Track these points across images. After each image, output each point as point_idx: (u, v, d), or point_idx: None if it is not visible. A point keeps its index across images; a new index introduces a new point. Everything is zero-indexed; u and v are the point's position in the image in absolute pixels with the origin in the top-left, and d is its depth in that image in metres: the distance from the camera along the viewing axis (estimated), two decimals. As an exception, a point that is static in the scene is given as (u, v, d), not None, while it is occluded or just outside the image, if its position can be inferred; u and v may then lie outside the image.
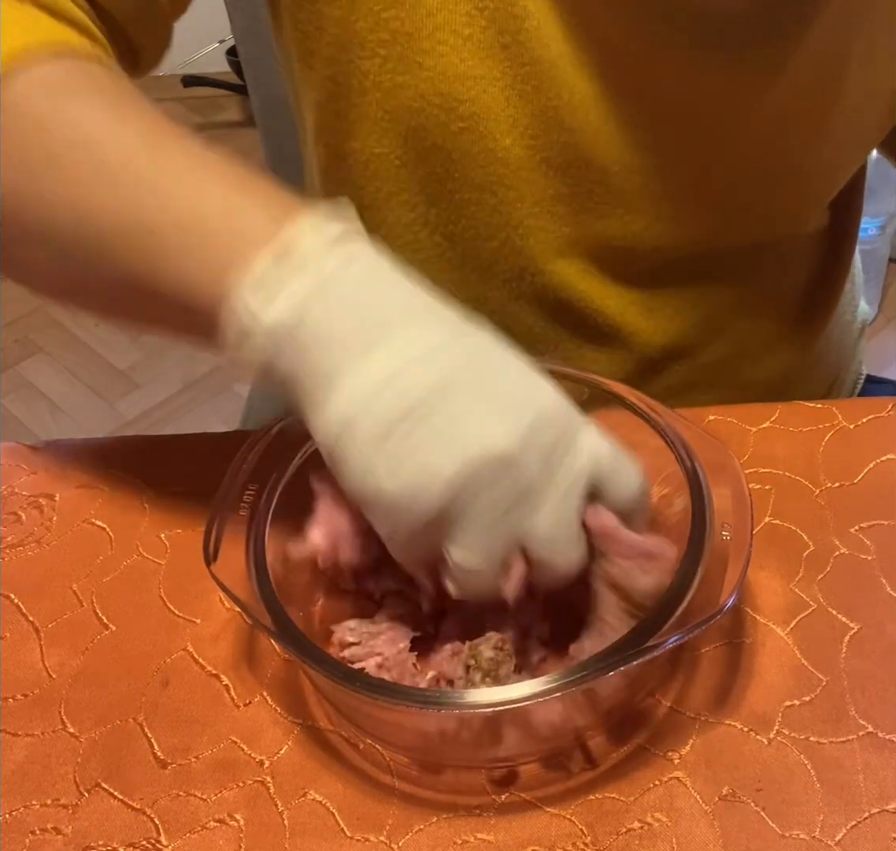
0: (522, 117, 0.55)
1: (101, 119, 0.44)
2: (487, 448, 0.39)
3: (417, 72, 0.54)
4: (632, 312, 0.64)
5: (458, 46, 0.53)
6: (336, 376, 0.39)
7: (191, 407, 1.81)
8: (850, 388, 0.81)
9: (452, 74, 0.54)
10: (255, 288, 0.40)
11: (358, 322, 0.40)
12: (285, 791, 0.45)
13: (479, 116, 0.55)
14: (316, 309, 0.40)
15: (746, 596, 0.49)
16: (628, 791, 0.43)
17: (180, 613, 0.52)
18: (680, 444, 0.46)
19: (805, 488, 0.54)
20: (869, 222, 1.71)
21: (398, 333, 0.40)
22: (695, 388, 0.68)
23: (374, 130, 0.57)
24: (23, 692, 0.49)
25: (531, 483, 0.39)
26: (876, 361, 1.77)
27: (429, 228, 0.61)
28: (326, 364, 0.40)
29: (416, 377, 0.39)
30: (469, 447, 0.39)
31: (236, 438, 0.48)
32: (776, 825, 0.42)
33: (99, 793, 0.45)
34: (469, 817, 0.43)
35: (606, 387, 0.49)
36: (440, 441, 0.39)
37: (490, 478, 0.39)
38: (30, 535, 0.56)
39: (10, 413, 1.81)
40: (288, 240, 0.40)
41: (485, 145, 0.56)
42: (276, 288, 0.40)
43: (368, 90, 0.55)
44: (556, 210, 0.59)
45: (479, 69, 0.53)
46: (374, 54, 0.54)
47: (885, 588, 0.49)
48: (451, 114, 0.55)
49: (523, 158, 0.57)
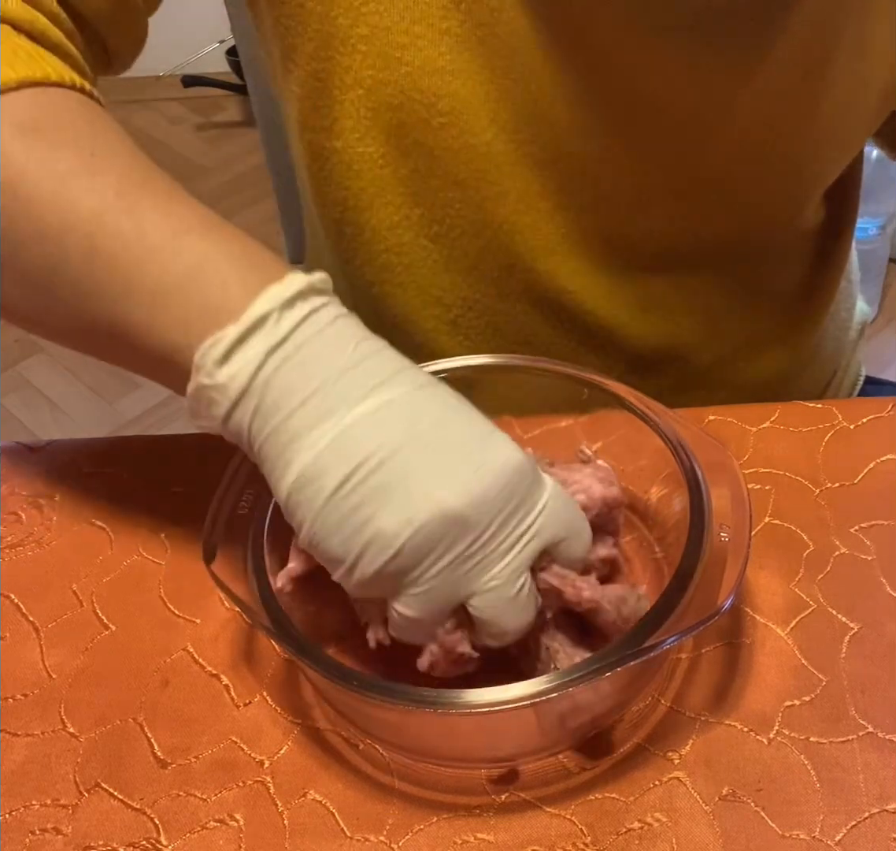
0: (503, 112, 0.55)
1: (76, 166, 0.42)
2: (439, 509, 0.38)
3: (397, 67, 0.54)
4: (624, 313, 0.63)
5: (436, 40, 0.53)
6: (295, 444, 0.39)
7: (191, 407, 1.81)
8: (848, 389, 0.81)
9: (431, 69, 0.54)
10: (220, 356, 0.39)
11: (313, 386, 0.39)
12: (285, 791, 0.45)
13: (459, 110, 0.55)
14: (271, 368, 0.39)
15: (746, 596, 0.49)
16: (628, 791, 0.43)
17: (180, 613, 0.52)
18: (679, 444, 0.46)
19: (805, 488, 0.54)
20: (869, 222, 1.71)
21: (353, 396, 0.39)
22: (689, 389, 0.68)
23: (357, 128, 0.57)
24: (23, 692, 0.49)
25: (482, 544, 0.39)
26: (876, 361, 1.77)
27: (413, 230, 0.61)
28: (285, 431, 0.39)
29: (368, 431, 0.39)
30: (419, 507, 0.38)
31: (236, 438, 0.48)
32: (776, 825, 0.42)
33: (99, 793, 0.45)
34: (469, 817, 0.43)
35: (606, 387, 0.49)
36: (388, 498, 0.38)
37: (439, 538, 0.38)
38: (30, 535, 0.56)
39: (10, 413, 1.81)
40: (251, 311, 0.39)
41: (466, 141, 0.56)
42: (240, 355, 0.39)
43: (350, 87, 0.55)
44: (541, 206, 0.59)
45: (458, 63, 0.53)
46: (354, 50, 0.54)
47: (885, 588, 0.49)
48: (432, 109, 0.55)
49: (505, 153, 0.56)
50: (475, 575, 0.39)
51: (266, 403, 0.39)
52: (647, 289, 0.63)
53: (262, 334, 0.39)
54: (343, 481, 0.38)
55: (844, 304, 0.76)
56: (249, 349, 0.39)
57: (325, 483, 0.38)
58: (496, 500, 0.39)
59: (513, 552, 0.39)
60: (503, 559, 0.39)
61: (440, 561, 0.38)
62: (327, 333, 0.40)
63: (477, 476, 0.39)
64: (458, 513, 0.38)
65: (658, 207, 0.59)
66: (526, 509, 0.40)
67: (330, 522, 0.39)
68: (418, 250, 0.62)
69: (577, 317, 0.63)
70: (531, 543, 0.40)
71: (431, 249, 0.62)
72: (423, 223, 0.60)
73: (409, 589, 0.39)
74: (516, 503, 0.39)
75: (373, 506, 0.38)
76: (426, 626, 0.41)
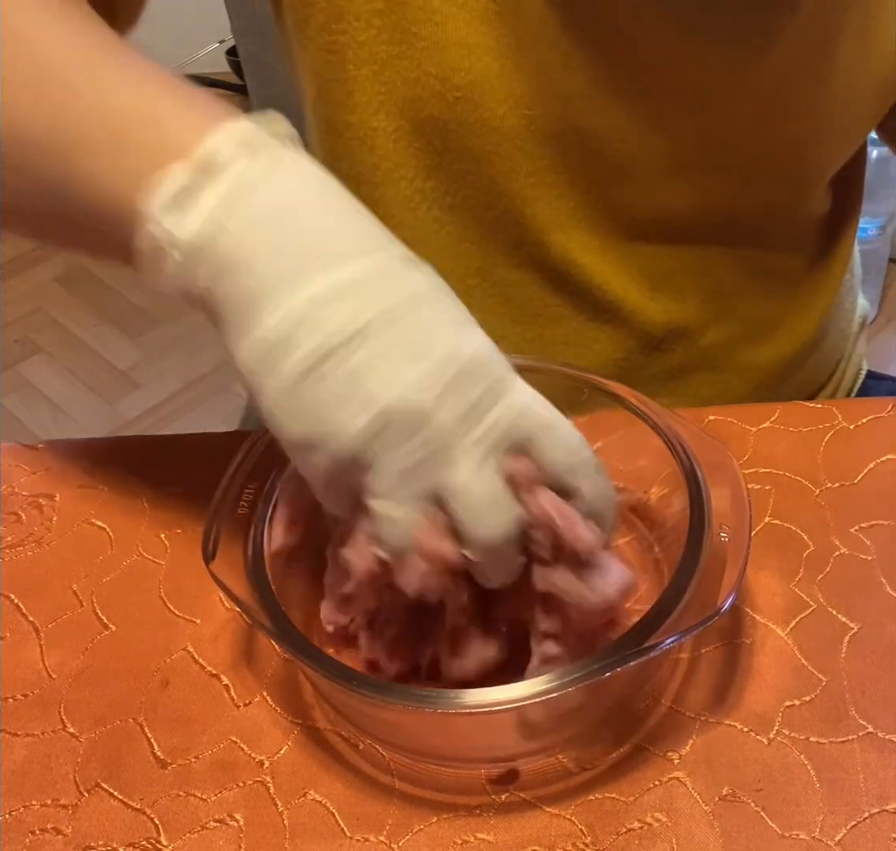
0: (516, 87, 0.55)
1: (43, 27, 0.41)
2: (400, 400, 0.37)
3: (413, 42, 0.54)
4: (634, 290, 0.64)
5: (454, 15, 0.53)
6: (257, 304, 0.37)
7: (191, 407, 1.81)
8: (850, 382, 0.81)
9: (448, 43, 0.54)
10: (168, 199, 0.36)
11: (282, 241, 0.37)
12: (285, 791, 0.45)
13: (474, 85, 0.55)
14: (232, 222, 0.36)
15: (746, 596, 0.49)
16: (628, 791, 0.43)
17: (180, 613, 0.52)
18: (679, 444, 0.46)
19: (805, 488, 0.54)
20: (869, 222, 1.71)
21: (328, 259, 0.37)
22: (694, 370, 0.68)
23: (371, 102, 0.57)
24: (23, 692, 0.49)
25: (448, 437, 0.37)
26: (876, 360, 1.77)
27: (427, 203, 0.61)
28: (247, 289, 0.37)
29: (342, 315, 0.37)
30: (380, 398, 0.37)
31: (236, 438, 0.48)
32: (776, 825, 0.42)
33: (99, 793, 0.45)
34: (469, 817, 0.43)
35: (606, 387, 0.49)
36: (352, 387, 0.37)
37: (402, 429, 0.37)
38: (30, 535, 0.56)
39: (10, 413, 1.81)
40: (208, 148, 0.37)
41: (480, 115, 0.56)
42: (190, 199, 0.36)
43: (364, 62, 0.55)
44: (552, 180, 0.59)
45: (475, 37, 0.53)
46: (368, 25, 0.54)
47: (885, 588, 0.49)
48: (447, 83, 0.55)
49: (518, 128, 0.56)
50: (443, 464, 0.38)
51: (223, 256, 0.37)
52: (657, 266, 0.64)
53: (219, 179, 0.37)
54: (310, 355, 0.37)
55: (847, 295, 0.76)
56: (206, 195, 0.36)
57: (291, 356, 0.37)
58: (461, 393, 0.37)
59: (479, 442, 0.38)
60: (470, 449, 0.38)
61: (408, 451, 0.37)
62: (295, 181, 0.38)
63: (442, 366, 0.37)
64: (421, 406, 0.37)
65: (668, 185, 0.60)
66: (491, 400, 0.38)
67: (287, 406, 0.37)
68: (431, 223, 0.62)
69: (587, 291, 0.63)
70: (497, 433, 0.38)
71: (445, 221, 0.62)
72: (436, 195, 0.61)
73: (376, 483, 0.38)
74: (479, 393, 0.38)
75: (338, 396, 0.37)
76: (405, 528, 0.38)
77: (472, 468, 0.38)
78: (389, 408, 0.37)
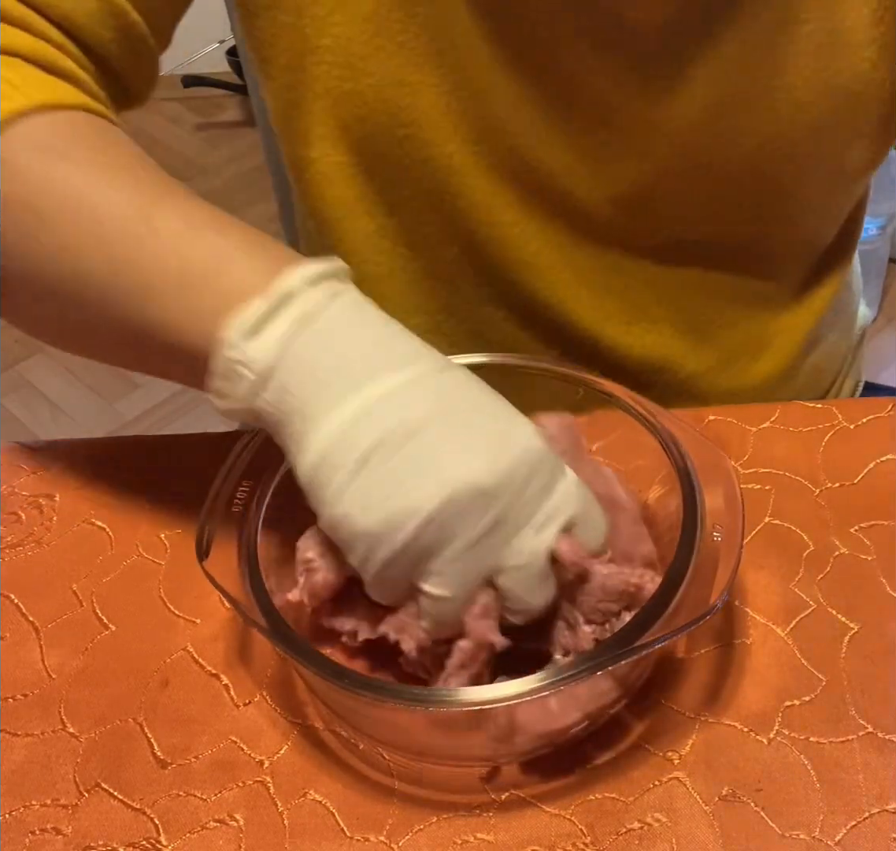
0: (462, 123, 0.55)
1: (93, 180, 0.44)
2: (470, 482, 0.38)
3: (361, 78, 0.54)
4: (608, 325, 0.63)
5: (395, 52, 0.53)
6: (317, 417, 0.39)
7: (191, 407, 1.81)
8: (847, 394, 0.81)
9: (392, 81, 0.54)
10: (248, 327, 0.40)
11: (340, 361, 0.40)
12: (285, 791, 0.45)
13: (419, 122, 0.55)
14: (299, 343, 0.40)
15: (746, 596, 0.49)
16: (628, 791, 0.43)
17: (180, 613, 0.52)
18: (673, 444, 0.46)
19: (805, 488, 0.54)
20: (869, 222, 1.71)
21: (380, 372, 0.40)
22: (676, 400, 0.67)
23: (329, 137, 0.57)
24: (23, 692, 0.49)
25: (508, 518, 0.39)
26: (875, 361, 1.77)
27: (390, 238, 0.61)
28: (308, 405, 0.40)
29: (393, 406, 0.39)
30: (450, 480, 0.38)
31: (236, 438, 0.48)
32: (776, 825, 0.42)
33: (99, 793, 0.45)
34: (469, 817, 0.43)
35: (602, 387, 0.49)
36: (418, 472, 0.39)
37: (469, 511, 0.38)
38: (30, 535, 0.56)
39: (10, 413, 1.81)
40: (283, 286, 0.40)
41: (429, 153, 0.56)
42: (262, 325, 0.40)
43: (320, 96, 0.56)
44: (508, 218, 0.59)
45: (417, 75, 0.54)
46: (321, 60, 0.54)
47: (885, 588, 0.49)
48: (394, 120, 0.55)
49: (468, 165, 0.56)
50: (502, 549, 0.40)
51: (293, 377, 0.40)
52: (630, 300, 0.63)
53: (289, 309, 0.40)
54: (367, 454, 0.38)
55: (843, 314, 0.75)
56: (278, 323, 0.40)
57: (348, 458, 0.39)
58: (522, 476, 0.39)
59: (538, 527, 0.40)
60: (529, 534, 0.40)
61: (468, 533, 0.39)
62: (351, 311, 0.41)
63: (504, 453, 0.39)
64: (486, 485, 0.38)
65: (627, 218, 0.59)
66: (549, 488, 0.40)
67: (354, 497, 0.39)
68: (397, 259, 0.62)
69: (560, 327, 0.63)
70: (554, 521, 0.40)
71: (410, 257, 0.62)
72: (399, 231, 0.61)
73: (436, 566, 0.39)
74: (540, 482, 0.40)
75: (399, 479, 0.38)
76: (457, 606, 0.40)
77: (531, 550, 0.40)
78: (460, 490, 0.38)
